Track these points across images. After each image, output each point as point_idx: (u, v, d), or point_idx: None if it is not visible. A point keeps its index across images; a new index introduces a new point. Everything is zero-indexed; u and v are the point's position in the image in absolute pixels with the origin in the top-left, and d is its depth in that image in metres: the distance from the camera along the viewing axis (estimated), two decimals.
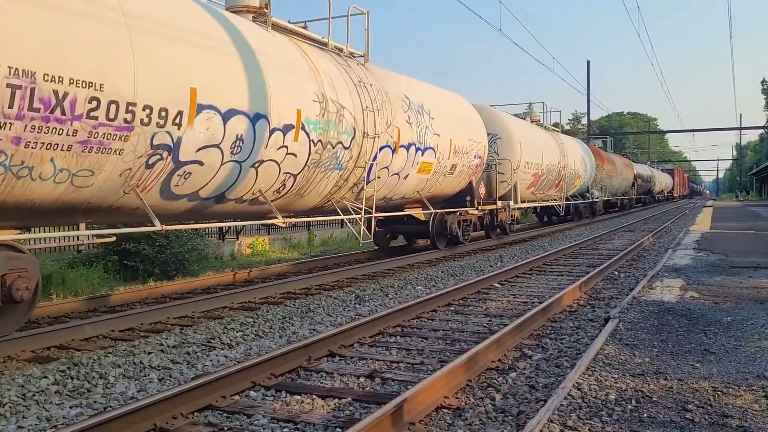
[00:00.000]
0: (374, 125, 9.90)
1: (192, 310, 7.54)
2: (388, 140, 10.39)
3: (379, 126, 10.01)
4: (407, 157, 11.11)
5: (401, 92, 11.22)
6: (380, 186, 10.53)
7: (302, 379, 4.93)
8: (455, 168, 13.08)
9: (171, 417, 3.95)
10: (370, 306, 8.00)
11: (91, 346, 5.98)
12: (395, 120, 10.63)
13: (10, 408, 4.28)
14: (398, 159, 10.80)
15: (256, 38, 7.94)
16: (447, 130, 12.57)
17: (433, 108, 12.20)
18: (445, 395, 4.27)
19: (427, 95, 12.37)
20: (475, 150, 13.97)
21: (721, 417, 3.64)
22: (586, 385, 4.21)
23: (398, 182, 11.17)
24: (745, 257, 11.15)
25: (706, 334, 5.64)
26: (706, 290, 7.82)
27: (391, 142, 10.47)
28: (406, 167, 11.19)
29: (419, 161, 11.54)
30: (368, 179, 10.05)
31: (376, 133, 9.93)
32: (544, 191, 20.44)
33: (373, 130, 9.88)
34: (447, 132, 12.56)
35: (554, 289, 8.87)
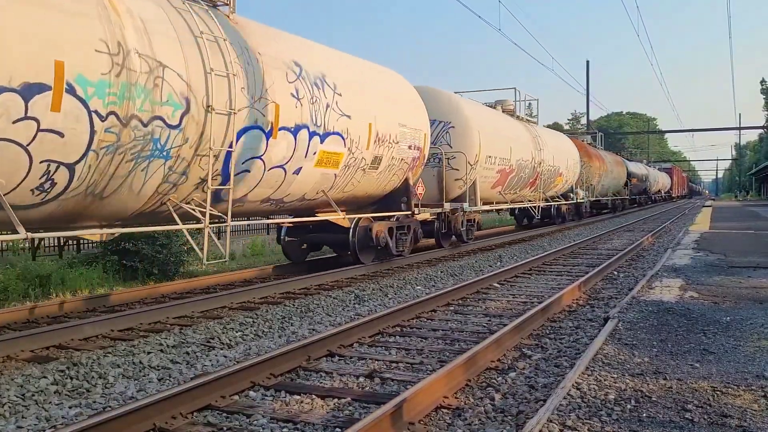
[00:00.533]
0: (229, 96, 7.08)
1: (191, 310, 7.53)
2: (258, 119, 7.62)
3: (237, 98, 7.20)
4: (295, 144, 8.35)
5: (286, 56, 8.37)
6: (253, 184, 7.99)
7: (302, 379, 4.93)
8: (380, 161, 10.40)
9: (170, 417, 3.95)
10: (369, 306, 8.00)
11: (90, 346, 5.98)
12: (271, 92, 7.81)
13: (10, 408, 4.28)
14: (279, 146, 8.06)
15: None
16: (364, 111, 9.79)
17: (341, 81, 9.38)
18: (444, 395, 4.27)
19: (333, 64, 9.49)
20: (411, 139, 11.29)
21: (720, 417, 3.64)
22: (585, 384, 4.21)
23: (285, 179, 8.52)
24: (745, 257, 11.16)
25: (706, 333, 5.64)
26: (706, 290, 7.83)
27: (263, 123, 7.70)
28: (296, 158, 8.45)
29: (318, 150, 8.80)
30: (226, 174, 7.35)
31: (232, 108, 7.09)
32: (515, 191, 18.01)
33: (226, 103, 7.07)
34: (364, 114, 9.80)
35: (553, 289, 8.87)
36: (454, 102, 14.33)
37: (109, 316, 6.77)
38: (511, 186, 17.40)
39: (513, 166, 16.71)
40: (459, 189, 14.09)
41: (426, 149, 11.94)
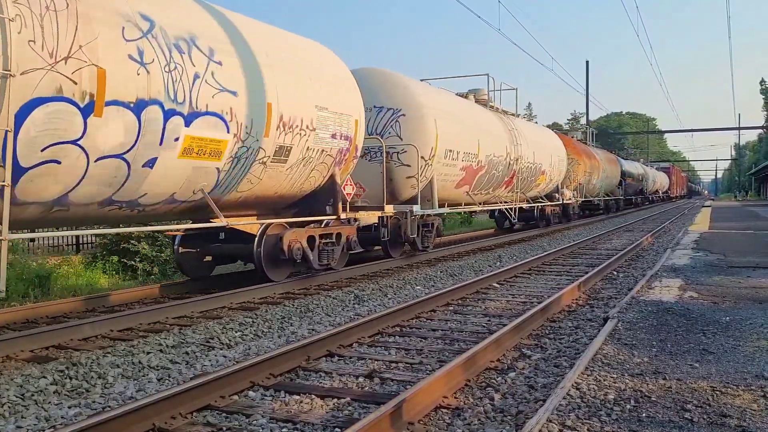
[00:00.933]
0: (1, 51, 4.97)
1: (191, 310, 7.53)
2: (65, 88, 5.43)
3: (21, 54, 5.08)
4: (139, 126, 6.15)
5: (126, 5, 6.14)
6: (71, 180, 5.82)
7: (301, 379, 4.93)
8: (288, 152, 8.20)
9: (170, 417, 3.95)
10: (369, 306, 8.00)
11: (89, 346, 5.97)
12: (90, 50, 5.59)
13: (9, 408, 4.28)
14: (109, 128, 5.86)
15: None
16: (259, 87, 7.59)
17: (223, 47, 7.16)
18: (444, 395, 4.27)
19: (211, 25, 7.20)
20: (336, 126, 9.07)
21: (719, 417, 3.64)
22: (585, 384, 4.21)
23: (131, 174, 6.33)
24: (744, 257, 11.16)
25: (705, 333, 5.64)
26: (705, 290, 7.83)
27: (75, 93, 5.51)
28: (144, 145, 6.27)
29: (181, 136, 6.59)
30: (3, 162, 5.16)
31: (7, 69, 4.96)
32: (487, 191, 15.73)
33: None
34: (259, 91, 7.59)
35: (553, 289, 8.88)
36: (404, 86, 12.06)
37: (108, 316, 6.76)
38: (481, 185, 15.08)
39: (482, 162, 14.38)
40: (412, 189, 11.90)
41: (359, 139, 9.78)
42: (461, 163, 13.46)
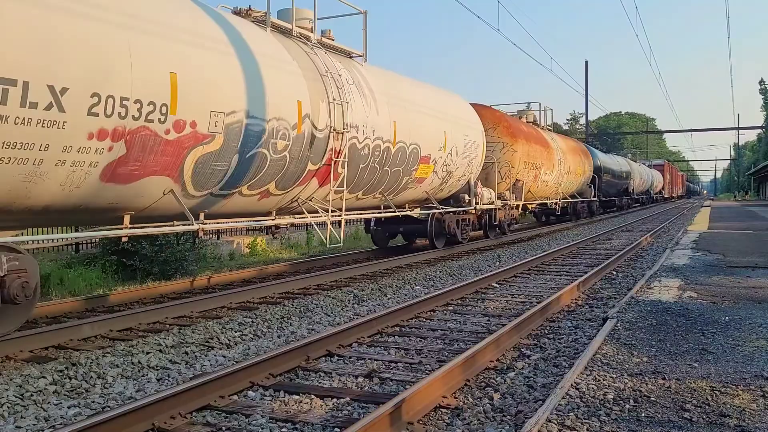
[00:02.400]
0: None
1: (190, 310, 7.53)
2: None
3: None
4: None
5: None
6: None
7: (300, 378, 4.93)
8: None
9: (169, 417, 3.95)
10: (368, 306, 8.00)
11: (89, 346, 5.97)
12: None
13: (8, 408, 4.27)
14: None
15: None
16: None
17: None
18: (443, 395, 4.28)
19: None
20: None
21: (719, 416, 3.64)
22: (584, 384, 4.21)
23: None
24: (743, 257, 11.17)
25: (704, 333, 5.65)
26: (704, 290, 7.83)
27: None
28: None
29: None
30: None
31: None
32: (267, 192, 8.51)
33: None
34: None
35: (552, 289, 8.88)
36: None
37: (108, 316, 6.76)
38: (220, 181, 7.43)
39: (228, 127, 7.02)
40: None
41: None
42: None
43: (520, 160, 16.95)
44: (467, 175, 14.09)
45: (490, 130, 16.16)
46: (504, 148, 16.62)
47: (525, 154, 17.27)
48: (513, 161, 16.69)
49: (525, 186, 17.58)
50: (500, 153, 16.50)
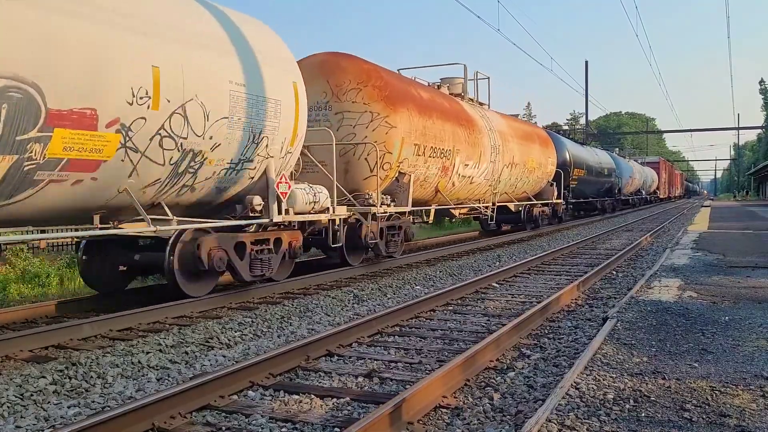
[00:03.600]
0: None
1: (190, 310, 7.53)
2: None
3: None
4: None
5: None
6: None
7: (300, 378, 4.93)
8: None
9: (169, 417, 3.95)
10: (368, 306, 8.00)
11: (89, 346, 5.97)
12: None
13: (8, 408, 4.27)
14: None
15: None
16: None
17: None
18: (443, 395, 4.28)
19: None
20: None
21: (719, 416, 3.64)
22: (584, 384, 4.21)
23: None
24: (743, 257, 11.17)
25: (704, 333, 5.65)
26: (704, 290, 7.83)
27: None
28: None
29: None
30: None
31: None
32: None
33: None
34: None
35: (552, 289, 8.88)
36: None
37: (107, 316, 6.76)
38: None
39: None
40: None
41: None
42: None
43: (405, 142, 10.83)
44: (250, 164, 7.75)
45: (351, 92, 10.55)
46: (374, 121, 10.43)
47: (417, 132, 11.23)
48: (390, 143, 10.46)
49: (424, 183, 12.06)
50: (368, 129, 10.46)
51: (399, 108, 10.79)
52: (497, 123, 16.24)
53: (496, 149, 15.40)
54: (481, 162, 14.54)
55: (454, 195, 13.96)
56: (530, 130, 19.75)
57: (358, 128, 10.51)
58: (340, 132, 10.45)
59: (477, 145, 14.19)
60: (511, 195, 17.77)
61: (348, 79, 10.66)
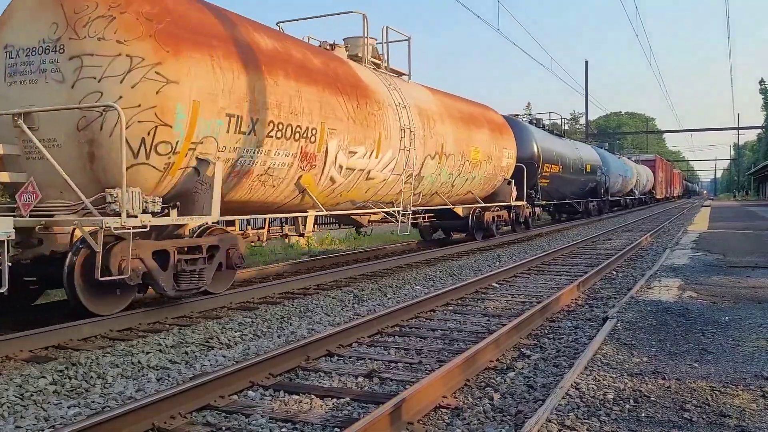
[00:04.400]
0: None
1: (190, 310, 7.52)
2: None
3: None
4: None
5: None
6: None
7: (300, 378, 4.93)
8: None
9: (169, 417, 3.95)
10: (368, 306, 8.00)
11: (89, 346, 5.97)
12: None
13: (8, 408, 4.27)
14: None
15: None
16: None
17: None
18: (443, 395, 4.28)
19: None
20: None
21: (719, 416, 3.65)
22: (584, 384, 4.21)
23: None
24: (743, 257, 11.17)
25: (704, 333, 5.65)
26: (704, 290, 7.83)
27: None
28: None
29: None
30: None
31: None
32: None
33: None
34: None
35: (552, 289, 8.88)
36: None
37: (107, 316, 6.75)
38: None
39: None
40: None
41: None
42: None
43: (204, 110, 6.81)
44: None
45: (98, 23, 6.36)
46: (134, 71, 6.35)
47: (233, 96, 7.18)
48: (166, 108, 6.42)
49: (266, 178, 8.17)
50: (124, 85, 6.31)
51: (186, 51, 6.63)
52: (418, 98, 12.05)
53: (411, 133, 11.17)
54: (382, 149, 10.27)
55: (342, 196, 10.02)
56: (476, 112, 14.94)
57: (106, 84, 6.27)
58: (77, 90, 6.30)
59: (373, 124, 10.04)
60: (448, 196, 13.68)
61: (94, 1, 6.39)
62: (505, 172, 16.33)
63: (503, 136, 16.15)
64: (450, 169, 13.14)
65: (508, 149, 16.26)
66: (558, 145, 22.58)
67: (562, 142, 23.75)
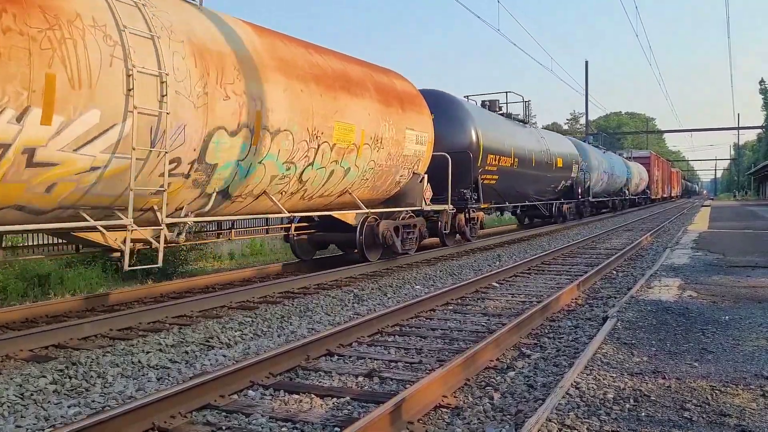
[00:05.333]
0: None
1: (190, 310, 7.53)
2: None
3: None
4: None
5: None
6: None
7: (301, 378, 4.93)
8: None
9: (169, 416, 3.95)
10: (368, 305, 8.00)
11: (89, 346, 5.97)
12: None
13: (9, 407, 4.27)
14: None
15: None
16: None
17: None
18: (443, 394, 4.28)
19: None
20: None
21: (719, 416, 3.65)
22: (584, 384, 4.21)
23: None
24: (743, 256, 11.17)
25: (704, 333, 5.65)
26: (704, 289, 7.83)
27: None
28: None
29: None
30: None
31: None
32: None
33: None
34: None
35: (552, 289, 8.88)
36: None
37: (108, 316, 6.76)
38: None
39: None
40: None
41: None
42: None
43: None
44: None
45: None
46: None
47: None
48: None
49: None
50: None
51: None
52: (198, 29, 7.21)
53: (163, 86, 6.46)
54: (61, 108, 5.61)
55: None
56: (355, 74, 10.22)
57: None
58: None
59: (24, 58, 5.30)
60: (298, 197, 9.29)
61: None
62: (411, 163, 11.77)
63: (408, 114, 11.46)
64: (286, 155, 8.49)
65: (416, 131, 11.72)
66: (511, 130, 17.63)
67: (519, 128, 18.70)
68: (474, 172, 14.51)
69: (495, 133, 16.07)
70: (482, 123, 15.30)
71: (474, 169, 14.46)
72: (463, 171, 13.88)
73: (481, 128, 15.00)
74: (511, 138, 17.19)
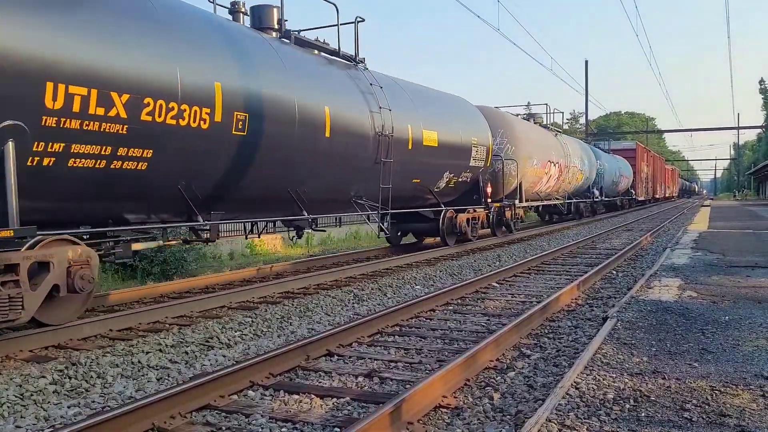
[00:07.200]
0: None
1: (190, 310, 7.53)
2: None
3: None
4: None
5: None
6: None
7: (300, 378, 4.93)
8: None
9: (169, 417, 3.95)
10: (368, 305, 8.00)
11: (89, 346, 5.97)
12: None
13: (8, 408, 4.27)
14: None
15: None
16: None
17: None
18: (443, 395, 4.27)
19: None
20: None
21: (719, 416, 3.64)
22: (584, 384, 4.21)
23: None
24: (743, 256, 11.17)
25: (704, 333, 5.64)
26: (704, 289, 7.83)
27: None
28: None
29: None
30: None
31: None
32: None
33: None
34: None
35: (552, 289, 8.87)
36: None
37: (107, 316, 6.77)
38: None
39: None
40: None
41: None
42: None
43: None
44: None
45: None
46: None
47: None
48: None
49: None
50: None
51: None
52: None
53: None
54: None
55: None
56: None
57: None
58: None
59: None
60: None
61: None
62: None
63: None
64: None
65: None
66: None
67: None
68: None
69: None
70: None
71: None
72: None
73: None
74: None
